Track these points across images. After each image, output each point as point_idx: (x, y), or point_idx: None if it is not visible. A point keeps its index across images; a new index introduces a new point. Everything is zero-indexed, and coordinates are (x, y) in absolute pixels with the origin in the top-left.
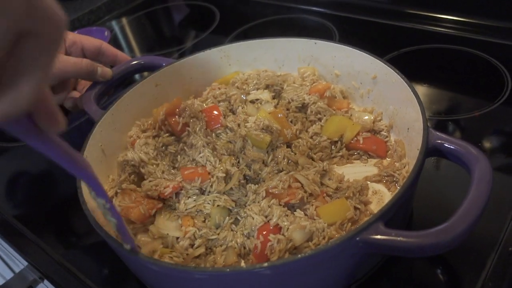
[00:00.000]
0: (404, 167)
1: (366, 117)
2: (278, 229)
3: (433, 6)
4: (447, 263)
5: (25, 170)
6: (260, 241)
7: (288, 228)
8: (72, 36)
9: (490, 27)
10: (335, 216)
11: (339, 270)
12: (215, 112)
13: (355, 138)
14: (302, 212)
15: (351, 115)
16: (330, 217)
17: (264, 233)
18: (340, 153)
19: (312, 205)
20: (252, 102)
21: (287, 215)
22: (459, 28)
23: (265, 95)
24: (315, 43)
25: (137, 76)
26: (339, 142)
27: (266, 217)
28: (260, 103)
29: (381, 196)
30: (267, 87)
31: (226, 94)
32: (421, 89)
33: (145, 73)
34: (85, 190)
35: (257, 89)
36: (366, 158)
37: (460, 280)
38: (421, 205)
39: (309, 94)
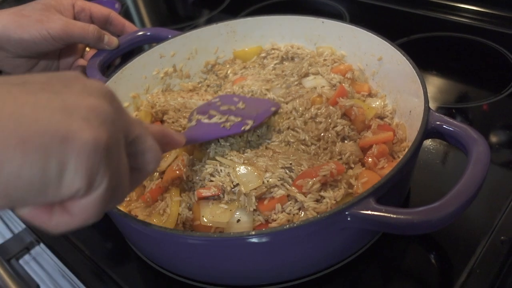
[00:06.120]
0: (404, 150)
1: (377, 103)
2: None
3: None
4: (438, 246)
5: None
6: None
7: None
8: (81, 3)
9: (504, 17)
10: None
11: (330, 244)
12: None
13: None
14: None
15: (365, 99)
16: None
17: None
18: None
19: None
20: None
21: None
22: (471, 17)
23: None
24: (323, 22)
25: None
26: None
27: None
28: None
29: None
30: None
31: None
32: (430, 78)
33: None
34: None
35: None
36: None
37: (449, 264)
38: (420, 188)
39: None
